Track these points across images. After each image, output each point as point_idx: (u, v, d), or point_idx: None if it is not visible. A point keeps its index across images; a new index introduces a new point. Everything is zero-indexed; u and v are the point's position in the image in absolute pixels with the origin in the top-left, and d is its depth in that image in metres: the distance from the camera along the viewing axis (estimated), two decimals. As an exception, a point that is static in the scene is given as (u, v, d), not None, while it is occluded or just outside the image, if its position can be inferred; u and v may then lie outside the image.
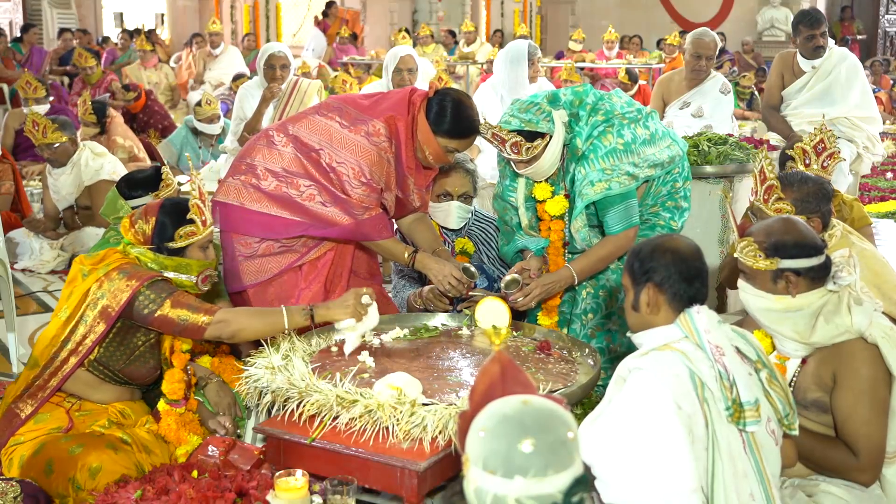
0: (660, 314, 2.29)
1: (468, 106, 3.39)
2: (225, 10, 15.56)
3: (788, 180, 3.06)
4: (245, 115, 5.95)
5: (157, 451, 2.80)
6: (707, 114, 5.76)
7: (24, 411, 2.75)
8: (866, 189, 7.70)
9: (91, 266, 2.82)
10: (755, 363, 2.24)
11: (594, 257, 3.34)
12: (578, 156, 3.28)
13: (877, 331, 2.44)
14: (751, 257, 2.49)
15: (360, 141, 3.34)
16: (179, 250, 2.86)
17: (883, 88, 12.15)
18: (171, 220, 2.86)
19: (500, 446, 1.28)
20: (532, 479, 1.26)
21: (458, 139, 3.38)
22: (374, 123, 3.35)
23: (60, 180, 5.71)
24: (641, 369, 2.17)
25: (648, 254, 2.32)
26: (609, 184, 3.23)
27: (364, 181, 3.34)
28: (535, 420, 1.29)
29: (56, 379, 2.76)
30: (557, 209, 3.38)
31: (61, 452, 2.65)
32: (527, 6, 17.83)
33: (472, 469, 1.31)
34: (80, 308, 2.76)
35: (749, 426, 2.13)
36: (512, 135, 3.20)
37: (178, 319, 2.74)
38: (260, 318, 2.88)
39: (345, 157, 3.34)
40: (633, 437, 2.11)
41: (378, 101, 3.47)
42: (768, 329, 2.55)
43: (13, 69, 10.94)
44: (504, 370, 1.38)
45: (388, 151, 3.37)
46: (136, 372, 2.88)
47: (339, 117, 3.40)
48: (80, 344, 2.75)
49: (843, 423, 2.45)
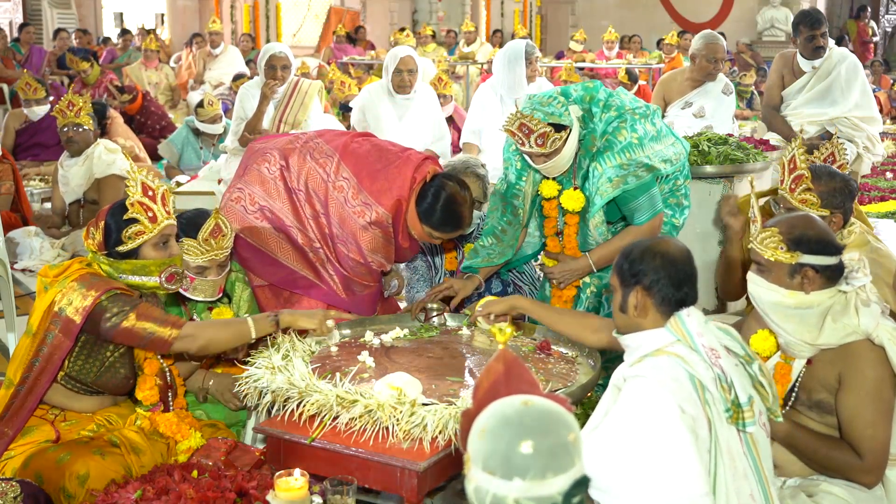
0: (647, 317, 2.27)
1: (459, 202, 3.36)
2: (225, 10, 15.55)
3: (818, 173, 3.04)
4: (246, 115, 5.95)
5: (147, 450, 2.76)
6: (708, 114, 5.75)
7: (6, 435, 2.70)
8: (866, 189, 7.69)
9: (52, 278, 2.74)
10: (743, 357, 2.24)
11: (614, 248, 3.30)
12: (593, 152, 3.27)
13: (884, 332, 2.44)
14: (771, 248, 2.47)
15: (358, 225, 3.36)
16: (132, 252, 2.73)
17: (883, 88, 12.15)
18: (116, 222, 2.74)
19: (499, 447, 1.28)
20: (531, 481, 1.26)
21: (444, 233, 3.41)
22: (378, 211, 3.35)
23: (72, 171, 5.77)
24: (640, 377, 2.15)
25: (638, 256, 2.29)
26: (626, 179, 3.24)
27: (362, 262, 3.40)
28: (536, 421, 1.29)
29: (32, 397, 2.70)
30: (574, 204, 3.36)
31: (49, 463, 2.61)
32: (527, 6, 17.83)
33: (473, 468, 1.31)
34: (44, 324, 2.67)
35: (748, 426, 2.13)
36: (542, 125, 3.17)
37: (144, 332, 2.65)
38: (226, 329, 2.84)
39: (345, 237, 3.39)
40: (639, 446, 2.08)
41: (387, 177, 3.39)
42: (774, 326, 2.53)
43: (13, 69, 10.94)
44: (509, 368, 1.38)
45: (386, 232, 3.40)
46: (108, 383, 2.82)
47: (346, 191, 3.39)
48: (48, 362, 2.67)
49: (848, 425, 2.45)
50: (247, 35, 13.84)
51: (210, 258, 3.05)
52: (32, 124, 7.24)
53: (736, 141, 4.82)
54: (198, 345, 2.74)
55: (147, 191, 2.73)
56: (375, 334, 3.10)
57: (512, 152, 3.47)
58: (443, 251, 3.87)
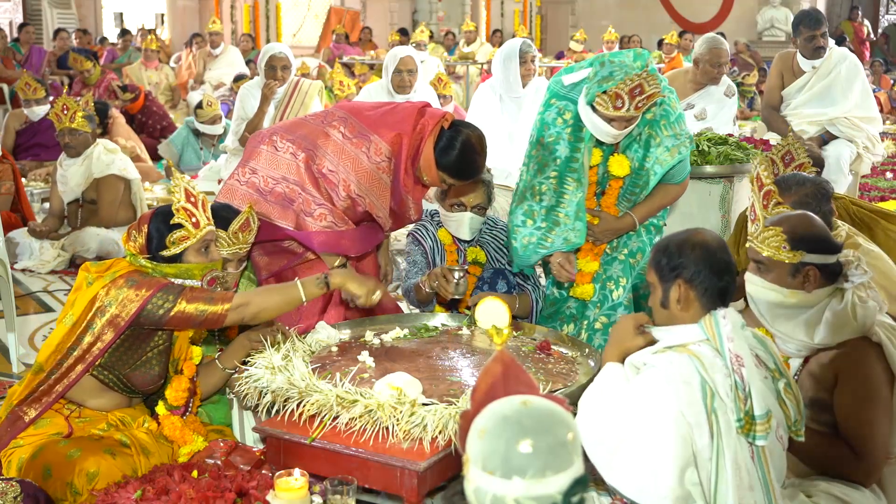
0: (690, 310, 2.26)
1: (478, 151, 3.38)
2: (225, 10, 15.55)
3: (786, 184, 3.06)
4: (246, 115, 5.96)
5: (155, 452, 2.78)
6: (710, 116, 5.74)
7: (28, 415, 2.73)
8: (866, 189, 7.69)
9: (97, 273, 2.77)
10: (772, 371, 2.23)
11: (655, 205, 3.48)
12: (649, 119, 3.32)
13: (881, 330, 2.44)
14: (774, 248, 2.46)
15: (358, 156, 3.36)
16: (176, 256, 2.80)
17: (883, 88, 12.15)
18: (161, 227, 2.79)
19: (498, 447, 1.28)
20: (530, 480, 1.26)
21: (458, 178, 3.40)
22: (377, 141, 3.35)
23: (70, 171, 5.79)
24: (654, 367, 2.16)
25: (676, 250, 2.28)
26: (679, 149, 3.33)
27: (353, 196, 3.36)
28: (534, 421, 1.29)
29: (62, 385, 2.74)
30: (622, 170, 3.40)
31: (59, 457, 2.63)
32: (527, 6, 17.82)
33: (472, 469, 1.31)
34: (86, 315, 2.71)
35: (758, 440, 2.11)
36: (656, 85, 3.15)
37: (197, 312, 2.70)
38: (277, 294, 2.86)
39: (338, 166, 3.35)
40: (629, 432, 2.13)
41: (385, 113, 3.44)
42: (770, 327, 2.54)
43: (13, 69, 10.94)
44: (506, 370, 1.38)
45: (387, 171, 3.38)
46: (139, 378, 2.84)
47: (343, 127, 3.40)
48: (87, 352, 2.71)
49: (844, 422, 2.44)
50: (247, 35, 13.83)
51: (235, 251, 3.14)
52: (32, 124, 7.25)
53: (736, 141, 4.82)
54: (251, 312, 2.77)
55: (190, 196, 2.80)
56: (375, 334, 3.10)
57: (560, 126, 3.40)
58: (444, 251, 3.87)
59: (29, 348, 4.44)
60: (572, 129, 3.36)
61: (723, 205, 4.52)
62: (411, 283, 3.68)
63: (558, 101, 3.41)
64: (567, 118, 3.36)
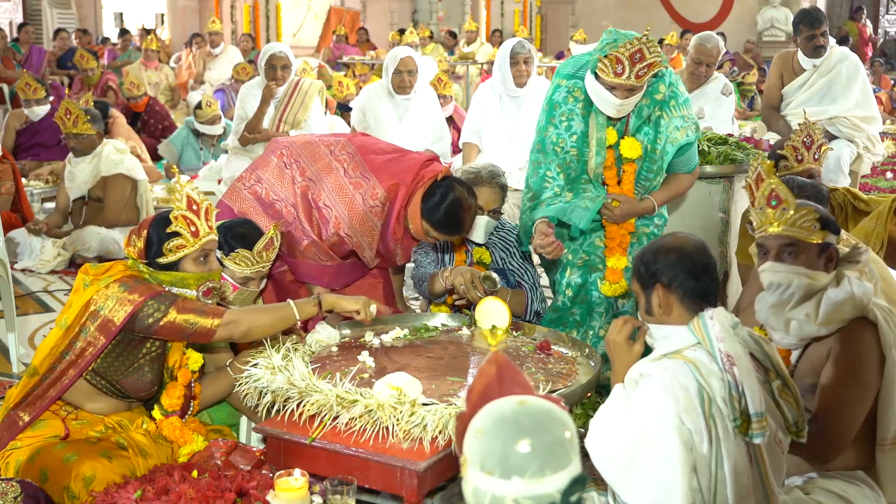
0: (673, 314, 2.27)
1: (465, 209, 3.39)
2: (225, 10, 15.55)
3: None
4: (246, 115, 5.96)
5: (153, 453, 2.76)
6: (708, 115, 5.75)
7: (22, 419, 2.71)
8: (866, 189, 7.68)
9: (94, 276, 2.74)
10: (769, 372, 2.22)
11: (672, 191, 3.61)
12: (659, 100, 3.39)
13: (878, 311, 2.44)
14: (807, 229, 2.46)
15: (354, 196, 3.42)
16: (173, 264, 2.73)
17: (883, 88, 12.14)
18: (160, 233, 2.72)
19: (496, 447, 1.28)
20: (529, 480, 1.26)
21: (442, 233, 3.43)
22: (375, 185, 3.40)
23: (79, 167, 5.87)
24: (650, 376, 2.16)
25: (652, 256, 2.30)
26: (687, 132, 3.42)
27: (342, 234, 3.43)
28: (532, 420, 1.29)
29: (55, 389, 2.71)
30: (633, 152, 3.45)
31: (56, 461, 2.61)
32: (527, 6, 17.82)
33: (470, 470, 1.31)
34: (80, 319, 2.68)
35: (756, 438, 2.11)
36: (656, 54, 3.21)
37: (187, 324, 2.65)
38: (269, 313, 2.85)
39: (335, 202, 3.42)
40: (632, 446, 2.11)
41: (391, 160, 3.48)
42: (773, 321, 2.51)
43: (13, 69, 10.94)
44: (501, 371, 1.38)
45: (379, 216, 3.44)
46: (133, 384, 2.81)
47: (347, 165, 3.46)
48: (80, 356, 2.68)
49: (821, 394, 2.43)
50: (247, 35, 13.83)
51: (258, 269, 3.13)
52: (33, 124, 7.26)
53: (736, 141, 4.82)
54: (241, 330, 2.74)
55: (191, 204, 2.72)
56: (375, 334, 3.10)
57: (572, 103, 3.46)
58: (453, 250, 3.87)
59: (29, 348, 4.45)
60: (584, 103, 3.45)
61: (723, 205, 4.52)
62: (425, 273, 3.67)
63: (567, 81, 3.49)
64: (577, 95, 3.45)
